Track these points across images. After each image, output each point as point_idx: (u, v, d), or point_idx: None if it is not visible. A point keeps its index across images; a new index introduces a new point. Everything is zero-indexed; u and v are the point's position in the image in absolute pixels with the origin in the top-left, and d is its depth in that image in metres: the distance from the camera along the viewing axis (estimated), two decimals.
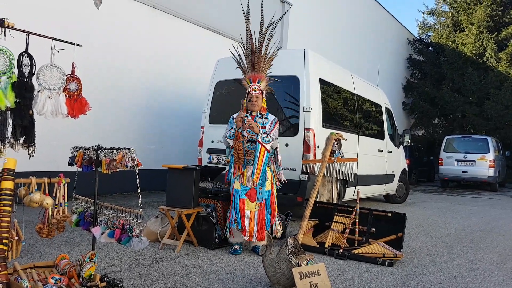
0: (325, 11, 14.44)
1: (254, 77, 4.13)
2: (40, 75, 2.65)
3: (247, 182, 4.01)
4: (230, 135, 4.04)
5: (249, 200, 3.97)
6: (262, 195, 4.03)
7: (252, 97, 4.05)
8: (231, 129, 4.06)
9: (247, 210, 3.95)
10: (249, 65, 4.15)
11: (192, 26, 9.41)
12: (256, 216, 3.98)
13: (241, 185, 4.00)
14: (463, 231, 6.05)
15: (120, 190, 7.82)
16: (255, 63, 4.14)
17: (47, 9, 6.66)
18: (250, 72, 4.14)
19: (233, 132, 4.02)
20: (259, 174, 3.96)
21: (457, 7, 19.64)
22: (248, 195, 3.98)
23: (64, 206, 2.72)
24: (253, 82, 4.11)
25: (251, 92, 4.07)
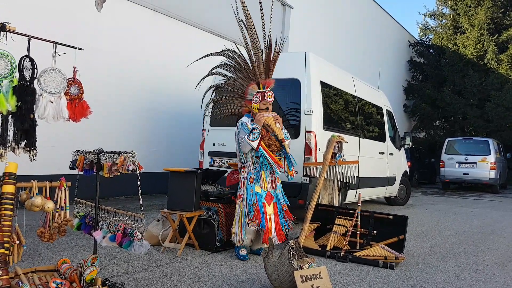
0: (325, 14, 14.47)
1: (268, 83, 4.12)
2: (42, 79, 2.66)
3: (267, 186, 4.01)
4: (254, 136, 3.89)
5: (267, 204, 3.98)
6: (275, 198, 4.07)
7: (267, 104, 4.06)
8: (254, 130, 3.91)
9: (267, 214, 3.94)
10: (262, 71, 4.10)
11: (194, 29, 9.43)
12: (273, 219, 3.98)
13: (261, 189, 3.99)
14: (465, 233, 6.03)
15: (121, 193, 7.82)
16: (270, 69, 4.13)
17: (48, 12, 6.68)
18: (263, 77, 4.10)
19: (257, 132, 3.90)
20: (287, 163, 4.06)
21: (457, 9, 19.65)
22: (265, 198, 4.00)
23: (66, 210, 2.72)
24: (267, 87, 4.09)
25: (267, 99, 4.05)
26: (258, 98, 4.06)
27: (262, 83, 4.10)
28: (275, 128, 4.00)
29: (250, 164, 4.02)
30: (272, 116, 4.04)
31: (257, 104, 4.06)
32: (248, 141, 3.89)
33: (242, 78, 4.26)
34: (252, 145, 3.89)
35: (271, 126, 3.98)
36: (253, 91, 4.11)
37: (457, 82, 18.93)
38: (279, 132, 4.01)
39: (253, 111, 4.08)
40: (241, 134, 3.99)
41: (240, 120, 4.10)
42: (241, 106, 4.27)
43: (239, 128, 4.04)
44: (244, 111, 4.22)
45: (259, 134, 3.91)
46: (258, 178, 3.98)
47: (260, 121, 3.94)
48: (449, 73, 19.22)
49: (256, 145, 3.89)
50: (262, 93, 4.05)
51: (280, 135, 4.00)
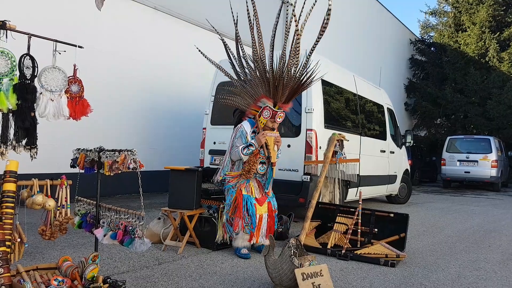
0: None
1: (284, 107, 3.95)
2: (42, 77, 2.66)
3: (255, 193, 4.00)
4: (248, 152, 3.86)
5: (259, 205, 3.97)
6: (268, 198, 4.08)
7: (274, 124, 3.95)
8: (249, 145, 3.85)
9: (257, 214, 3.94)
10: (284, 95, 3.88)
11: (194, 28, 9.42)
12: (265, 218, 3.99)
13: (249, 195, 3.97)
14: (466, 231, 6.03)
15: (122, 192, 7.83)
16: (294, 96, 3.96)
17: (49, 11, 6.69)
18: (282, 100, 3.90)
19: (252, 149, 3.86)
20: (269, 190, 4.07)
21: (459, 7, 19.60)
22: (257, 200, 3.99)
23: (67, 208, 2.73)
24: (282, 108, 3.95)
25: (277, 120, 3.92)
26: (268, 113, 3.88)
27: (279, 105, 3.92)
28: (271, 150, 3.95)
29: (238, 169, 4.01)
30: (274, 137, 3.96)
31: (265, 120, 3.90)
32: (241, 154, 3.87)
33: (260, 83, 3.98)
34: (243, 159, 3.91)
35: (269, 148, 3.93)
36: (265, 102, 3.91)
37: (458, 80, 18.89)
38: (274, 155, 3.97)
39: (259, 124, 3.94)
40: (237, 143, 3.93)
41: (242, 124, 4.00)
42: (248, 105, 4.08)
43: (238, 135, 3.95)
44: (248, 112, 4.08)
45: (252, 152, 3.87)
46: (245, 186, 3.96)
47: (260, 141, 3.88)
48: (451, 71, 19.18)
49: (245, 159, 3.90)
50: (274, 112, 3.88)
51: (273, 158, 3.96)
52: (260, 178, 4.06)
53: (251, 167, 3.88)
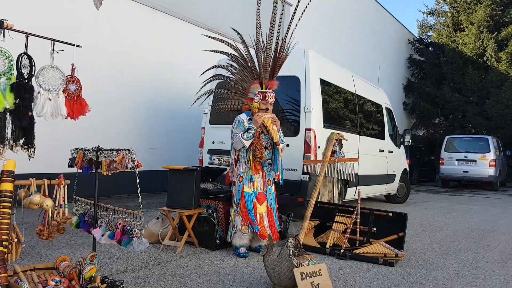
0: (325, 12, 14.43)
1: (271, 84, 4.11)
2: (40, 76, 2.64)
3: (257, 187, 4.02)
4: (249, 135, 3.92)
5: (258, 203, 3.99)
6: (272, 199, 4.10)
7: (267, 105, 4.06)
8: (249, 129, 3.94)
9: (257, 213, 3.98)
10: (267, 72, 4.10)
11: (193, 27, 9.40)
12: (266, 218, 4.01)
13: (252, 189, 4.00)
14: (464, 230, 6.03)
15: (120, 191, 7.81)
16: (276, 71, 4.13)
17: (47, 10, 6.66)
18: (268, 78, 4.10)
19: (252, 132, 3.93)
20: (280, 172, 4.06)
21: (457, 7, 19.63)
22: (257, 198, 4.02)
23: (64, 208, 2.71)
24: (270, 89, 4.10)
25: (268, 100, 4.05)
26: (259, 97, 4.06)
27: (265, 83, 4.11)
28: (271, 130, 4.00)
29: (241, 163, 4.04)
30: (271, 117, 4.03)
31: (257, 103, 4.06)
32: (242, 139, 3.92)
33: (246, 75, 4.26)
34: (245, 144, 3.92)
35: (268, 127, 3.98)
36: (255, 90, 4.11)
37: (456, 80, 18.92)
38: (275, 134, 4.02)
39: (253, 110, 4.08)
40: (236, 131, 4.01)
41: (238, 116, 4.11)
42: (241, 103, 4.28)
43: (236, 124, 4.06)
44: (244, 109, 4.23)
45: (253, 134, 3.92)
46: (247, 178, 3.99)
47: (257, 122, 3.94)
48: (449, 71, 19.21)
49: (248, 144, 3.93)
50: (263, 93, 4.06)
51: (275, 138, 4.02)
52: (266, 167, 4.08)
53: (261, 151, 3.93)
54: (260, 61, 4.10)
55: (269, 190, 4.12)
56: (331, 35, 14.82)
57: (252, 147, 3.94)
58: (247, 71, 4.23)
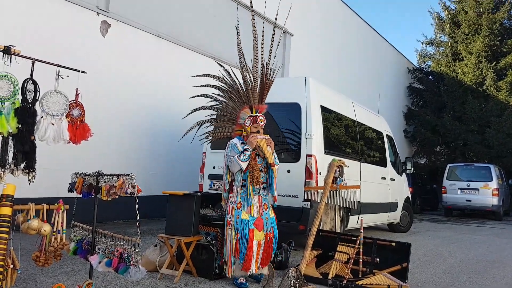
0: (325, 41, 14.72)
1: (261, 108, 4.16)
2: (44, 101, 2.67)
3: (254, 212, 3.95)
4: (245, 157, 3.89)
5: (257, 230, 3.90)
6: (269, 224, 4.01)
7: (258, 128, 4.08)
8: (245, 151, 3.92)
9: (255, 240, 3.86)
10: (256, 96, 4.17)
11: (195, 54, 9.57)
12: (263, 245, 3.92)
13: (249, 215, 3.94)
14: (469, 261, 5.91)
15: (120, 217, 7.73)
16: (264, 94, 4.19)
17: (54, 36, 6.80)
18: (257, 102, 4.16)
19: (248, 154, 3.90)
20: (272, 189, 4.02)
21: (455, 37, 19.98)
22: (256, 224, 3.92)
23: (62, 234, 2.68)
24: (260, 112, 4.14)
25: (258, 123, 4.07)
26: (250, 121, 4.10)
27: (255, 107, 4.15)
28: (266, 151, 3.99)
29: (237, 187, 3.98)
30: (265, 139, 4.04)
31: (248, 127, 4.09)
32: (239, 161, 3.88)
33: (234, 102, 4.30)
34: (242, 166, 3.89)
35: (262, 148, 3.98)
36: (245, 115, 4.14)
37: (456, 108, 19.03)
38: (269, 155, 4.00)
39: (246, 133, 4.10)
40: (231, 154, 3.97)
41: (231, 141, 4.10)
42: (232, 130, 4.28)
43: (230, 149, 4.03)
44: (234, 135, 4.22)
45: (249, 156, 3.91)
46: (244, 203, 3.94)
47: (252, 143, 3.94)
48: (449, 99, 19.35)
49: (245, 166, 3.89)
50: (254, 117, 4.09)
51: (270, 159, 3.99)
52: (262, 191, 4.03)
53: (257, 173, 3.91)
54: (247, 85, 4.17)
55: (265, 214, 4.02)
56: (331, 64, 15.05)
57: (249, 169, 3.92)
58: (236, 97, 4.28)
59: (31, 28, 6.50)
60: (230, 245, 3.89)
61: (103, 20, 7.63)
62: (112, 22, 7.77)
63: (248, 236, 3.83)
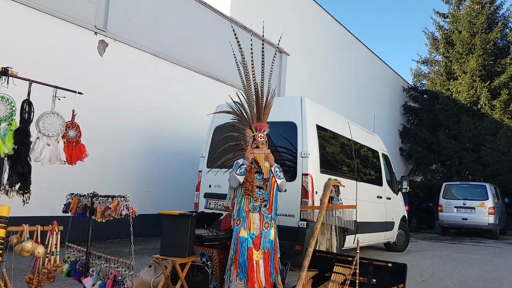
0: (321, 61, 14.93)
1: (260, 126, 4.20)
2: (40, 122, 2.69)
3: (254, 230, 3.92)
4: (241, 171, 3.91)
5: (255, 249, 3.86)
6: (266, 244, 3.95)
7: (258, 143, 4.08)
8: (242, 165, 3.94)
9: (254, 260, 3.80)
10: (254, 115, 4.23)
11: (193, 73, 9.66)
12: (262, 265, 3.87)
13: (248, 232, 3.90)
14: (466, 281, 5.87)
15: (114, 236, 7.65)
16: (261, 113, 4.24)
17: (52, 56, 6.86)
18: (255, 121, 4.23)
19: (244, 167, 3.92)
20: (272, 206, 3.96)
21: (449, 56, 20.29)
22: (254, 243, 3.87)
23: (56, 255, 2.65)
24: (259, 131, 4.16)
25: (258, 140, 4.07)
26: (251, 141, 4.13)
27: (254, 126, 4.19)
28: (262, 165, 3.99)
29: (236, 203, 3.98)
30: (264, 153, 4.05)
31: (250, 146, 4.11)
32: (235, 175, 3.90)
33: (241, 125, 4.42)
34: (238, 179, 3.90)
35: (260, 163, 3.99)
36: (249, 136, 4.19)
37: (451, 127, 19.19)
38: (266, 171, 3.99)
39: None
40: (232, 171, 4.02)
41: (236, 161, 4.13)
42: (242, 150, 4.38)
43: (233, 167, 4.07)
44: None
45: (245, 169, 3.93)
46: (244, 220, 3.92)
47: (248, 157, 3.97)
48: (444, 118, 19.52)
49: (242, 180, 3.90)
50: (253, 136, 4.13)
51: (265, 174, 3.98)
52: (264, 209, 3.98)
53: (252, 185, 3.89)
54: (245, 107, 4.27)
55: (265, 233, 3.95)
56: (327, 83, 15.23)
57: (244, 181, 3.92)
58: (241, 119, 4.39)
59: (28, 47, 6.55)
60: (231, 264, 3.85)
61: (101, 39, 7.71)
62: (110, 42, 7.86)
63: (247, 255, 3.78)
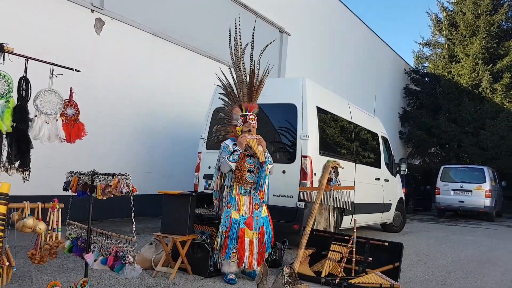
0: (322, 41, 14.76)
1: (251, 106, 4.19)
2: (38, 100, 2.68)
3: (244, 212, 3.99)
4: (235, 157, 3.93)
5: (248, 229, 3.95)
6: (259, 223, 4.05)
7: (250, 126, 4.10)
8: (235, 151, 3.95)
9: (246, 238, 3.92)
10: (245, 94, 4.19)
11: (192, 53, 9.56)
12: (256, 243, 3.97)
13: (239, 215, 3.97)
14: (460, 261, 5.97)
15: (114, 215, 7.73)
16: (253, 93, 4.22)
17: (48, 35, 6.78)
18: (246, 101, 4.19)
19: (237, 154, 3.94)
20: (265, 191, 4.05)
21: (453, 39, 20.06)
22: (247, 223, 3.98)
23: (57, 232, 2.69)
24: (250, 111, 4.17)
25: (249, 122, 4.10)
26: (241, 121, 4.12)
27: (244, 106, 4.17)
28: (256, 150, 4.03)
29: (227, 188, 4.01)
30: (256, 138, 4.07)
31: (240, 127, 4.10)
32: (228, 162, 3.93)
33: (231, 103, 4.34)
34: (231, 166, 3.93)
35: (253, 148, 4.01)
36: (237, 115, 4.18)
37: (452, 110, 19.14)
38: (261, 155, 4.04)
39: (237, 134, 4.13)
40: (222, 155, 4.01)
41: (224, 142, 4.13)
42: (228, 132, 4.32)
43: (221, 150, 4.07)
44: (230, 136, 4.27)
45: (238, 156, 3.95)
46: (235, 203, 3.97)
47: (241, 144, 3.97)
48: (444, 101, 19.44)
49: (234, 166, 3.94)
50: (244, 116, 4.12)
51: (261, 158, 4.03)
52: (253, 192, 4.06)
53: (242, 173, 3.94)
54: (236, 84, 4.19)
55: (256, 214, 4.06)
56: (328, 64, 15.10)
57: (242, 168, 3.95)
58: (231, 98, 4.32)
59: (24, 25, 6.47)
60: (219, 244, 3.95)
61: (98, 17, 7.61)
62: (107, 20, 7.75)
63: (236, 235, 3.89)
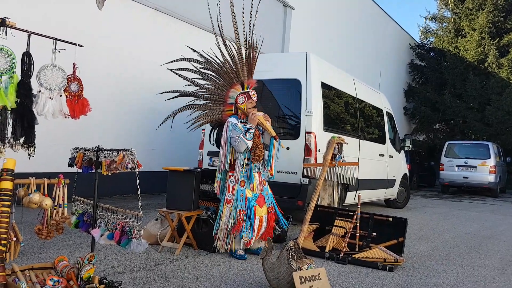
0: (326, 15, 14.46)
1: (252, 82, 4.13)
2: (41, 75, 2.64)
3: (256, 189, 4.02)
4: (250, 135, 3.87)
5: (259, 206, 3.99)
6: (269, 199, 4.11)
7: (253, 103, 4.07)
8: (249, 129, 3.88)
9: (257, 216, 3.97)
10: (244, 71, 4.09)
11: (195, 29, 9.41)
12: (265, 220, 4.01)
13: (252, 193, 3.99)
14: (464, 236, 6.01)
15: (120, 192, 7.79)
16: (253, 68, 4.15)
17: (49, 10, 6.66)
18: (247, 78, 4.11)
19: (252, 132, 3.89)
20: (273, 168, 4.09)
21: (459, 12, 19.64)
22: (258, 201, 4.01)
23: (64, 207, 2.70)
24: (251, 88, 4.12)
25: (253, 99, 4.07)
26: (243, 98, 4.03)
27: (246, 83, 4.09)
28: (267, 126, 4.03)
29: (239, 166, 3.96)
30: (262, 115, 4.06)
31: (244, 104, 4.03)
32: (245, 140, 3.87)
33: (221, 82, 4.19)
34: (248, 144, 3.89)
35: (264, 124, 4.01)
36: (235, 93, 4.07)
37: (457, 86, 18.92)
38: (271, 130, 4.04)
39: (244, 111, 4.02)
40: (233, 134, 3.91)
41: (229, 120, 4.00)
42: (221, 112, 4.19)
43: (230, 129, 3.94)
44: (225, 116, 4.14)
45: (253, 134, 3.93)
46: (248, 181, 3.98)
47: (254, 121, 3.95)
48: (450, 77, 19.20)
49: (251, 144, 3.92)
50: (247, 93, 4.05)
51: (272, 132, 4.04)
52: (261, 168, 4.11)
53: (261, 149, 3.97)
54: (236, 61, 4.05)
55: (265, 189, 4.13)
56: (332, 39, 14.84)
57: (253, 146, 3.94)
58: (224, 76, 4.15)
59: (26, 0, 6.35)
60: (228, 222, 3.92)
61: None
62: None
63: (254, 213, 3.93)
